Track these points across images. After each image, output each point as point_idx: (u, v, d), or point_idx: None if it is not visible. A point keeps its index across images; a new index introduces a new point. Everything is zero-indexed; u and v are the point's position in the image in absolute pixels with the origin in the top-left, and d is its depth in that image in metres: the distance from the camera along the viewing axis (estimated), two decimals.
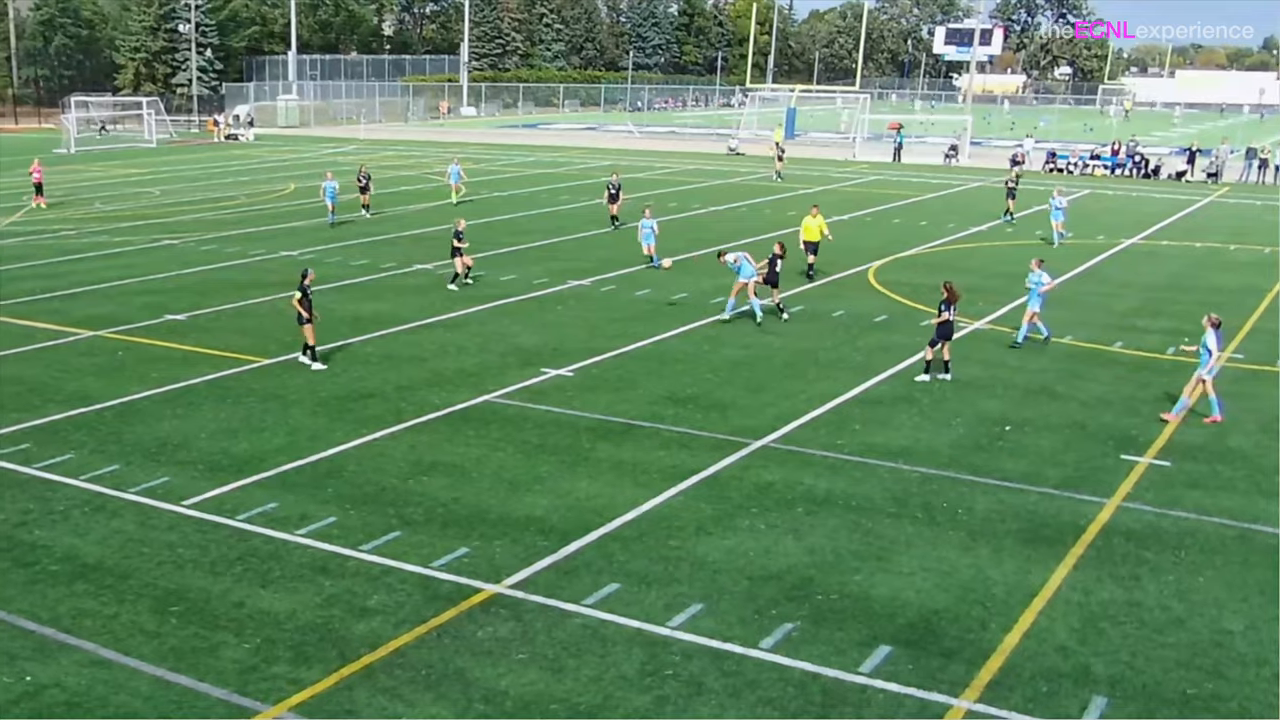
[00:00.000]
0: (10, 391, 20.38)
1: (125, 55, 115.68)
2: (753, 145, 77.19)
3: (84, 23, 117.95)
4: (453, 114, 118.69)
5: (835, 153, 73.35)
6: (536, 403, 19.89)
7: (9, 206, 47.10)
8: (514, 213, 44.58)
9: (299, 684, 11.00)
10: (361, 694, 10.84)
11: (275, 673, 11.20)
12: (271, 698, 10.77)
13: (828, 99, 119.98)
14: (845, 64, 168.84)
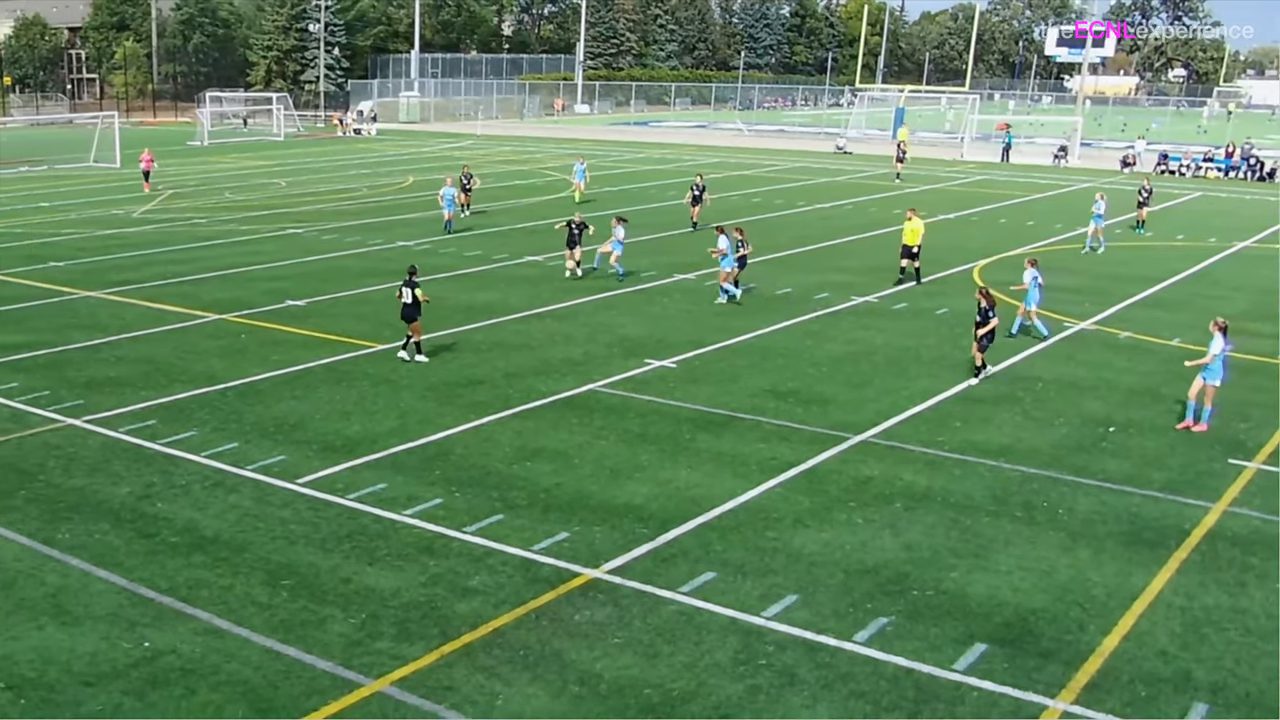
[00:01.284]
0: (140, 370, 21.27)
1: (258, 53, 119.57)
2: (860, 144, 76.54)
3: (221, 22, 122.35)
4: (566, 111, 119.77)
5: (942, 152, 72.39)
6: (639, 393, 20.12)
7: (145, 195, 48.90)
8: (622, 207, 44.85)
9: (401, 660, 11.31)
10: (460, 672, 11.11)
11: (379, 648, 11.53)
12: (374, 672, 11.09)
13: (935, 99, 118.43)
14: (955, 65, 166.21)
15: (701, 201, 38.78)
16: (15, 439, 17.57)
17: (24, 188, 53.26)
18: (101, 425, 18.18)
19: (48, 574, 13.08)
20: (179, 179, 56.13)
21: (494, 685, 10.89)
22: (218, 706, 10.50)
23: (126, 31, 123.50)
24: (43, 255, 33.76)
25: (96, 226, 39.96)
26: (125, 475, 16.11)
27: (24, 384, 20.33)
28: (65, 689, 10.77)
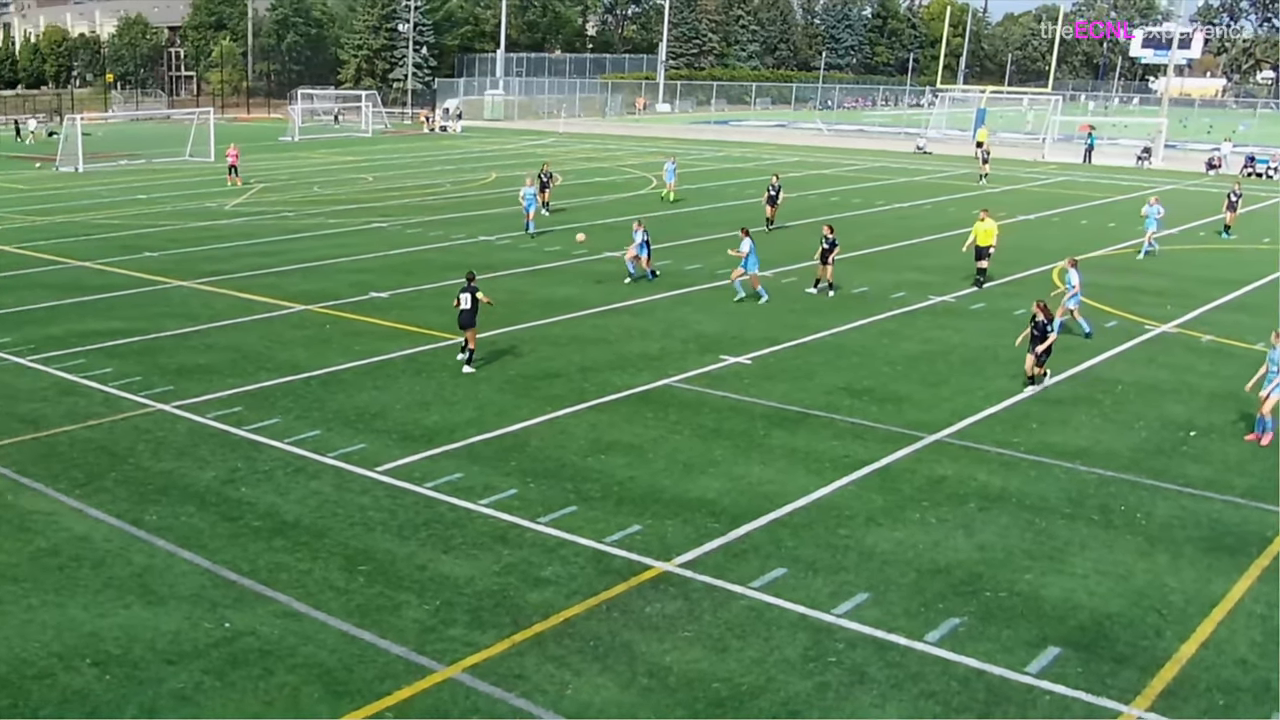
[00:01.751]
0: (228, 358, 21.79)
1: (349, 52, 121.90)
2: (940, 145, 75.69)
3: (314, 22, 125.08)
4: (648, 110, 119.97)
5: (1023, 153, 71.30)
6: (714, 388, 20.16)
7: (238, 189, 49.98)
8: (701, 205, 44.91)
9: (473, 647, 11.48)
10: (531, 660, 11.25)
11: (452, 635, 11.72)
12: (447, 658, 11.28)
13: (1016, 100, 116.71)
14: (1038, 66, 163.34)
15: (777, 202, 38.46)
16: (108, 423, 18.11)
17: (123, 180, 54.72)
18: (190, 411, 18.67)
19: (135, 554, 13.49)
20: (270, 173, 57.28)
21: (564, 675, 11.01)
22: (294, 688, 10.75)
23: (224, 31, 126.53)
24: (138, 245, 34.69)
25: (190, 219, 40.94)
26: (211, 460, 16.53)
27: (117, 370, 20.94)
28: (149, 666, 11.10)
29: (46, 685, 10.75)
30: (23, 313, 25.65)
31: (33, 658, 11.21)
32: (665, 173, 46.52)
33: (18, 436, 17.45)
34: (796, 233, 37.52)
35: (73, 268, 31.36)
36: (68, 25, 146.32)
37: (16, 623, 11.87)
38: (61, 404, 19.10)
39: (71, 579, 12.85)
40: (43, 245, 34.90)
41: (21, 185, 53.20)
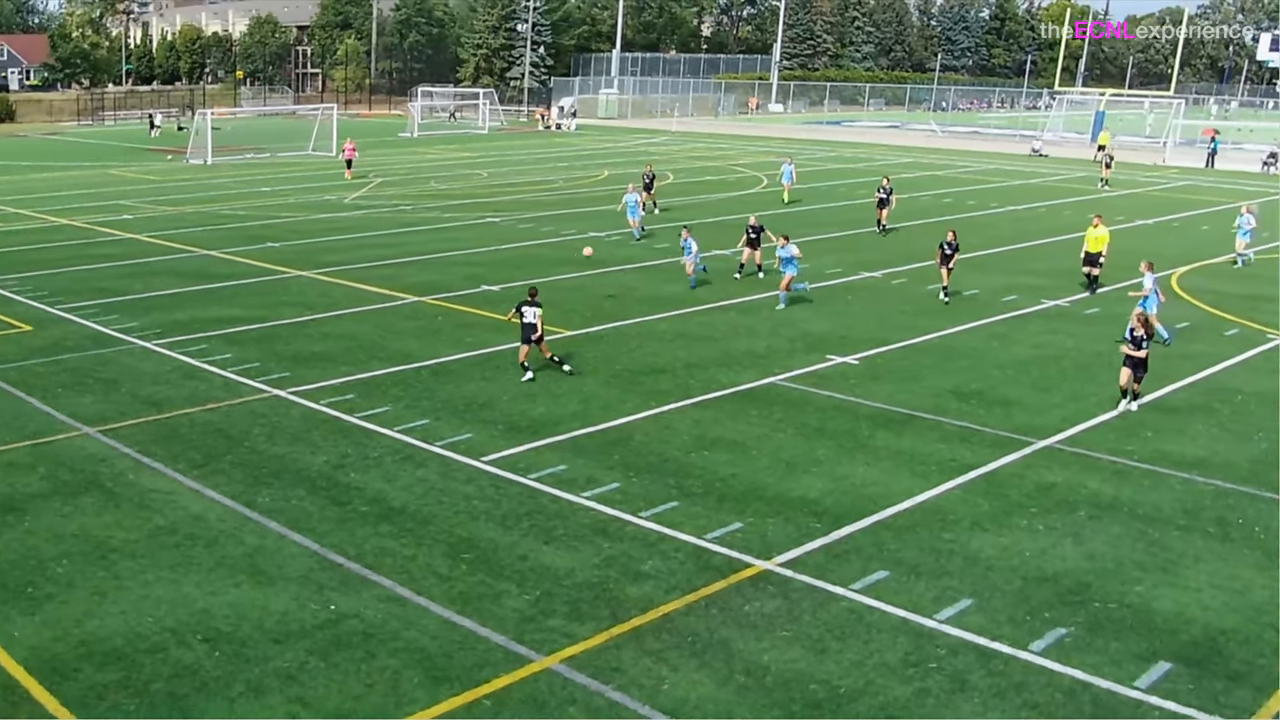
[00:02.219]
0: (343, 347, 22.28)
1: (468, 51, 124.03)
2: (1057, 147, 73.95)
3: (436, 22, 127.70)
4: (760, 110, 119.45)
5: (1143, 157, 69.29)
6: (820, 388, 20.00)
7: (357, 183, 51.05)
8: (812, 205, 44.55)
9: (571, 638, 11.54)
10: (628, 654, 11.27)
11: (551, 625, 11.80)
12: (545, 648, 11.35)
13: (1137, 104, 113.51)
14: (1160, 69, 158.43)
15: (888, 204, 37.73)
16: (226, 407, 18.64)
17: (248, 173, 56.28)
18: (304, 397, 19.11)
19: (247, 534, 13.86)
20: (389, 168, 58.36)
21: (661, 670, 11.01)
22: (395, 671, 10.93)
23: (349, 30, 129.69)
24: (262, 236, 35.66)
25: (311, 211, 41.95)
26: (323, 445, 16.90)
27: (237, 356, 21.54)
28: (256, 645, 11.38)
29: (159, 659, 11.10)
30: (151, 299, 26.56)
31: (147, 632, 11.58)
32: (783, 174, 45.79)
33: (141, 417, 18.08)
34: (907, 234, 37.04)
35: (199, 256, 32.36)
36: (202, 24, 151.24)
37: (133, 598, 12.28)
38: (183, 387, 19.73)
39: (186, 557, 13.26)
40: (172, 234, 36.07)
41: (154, 177, 55.05)
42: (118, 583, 12.62)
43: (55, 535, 13.78)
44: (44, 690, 10.55)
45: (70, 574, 12.80)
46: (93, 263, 31.38)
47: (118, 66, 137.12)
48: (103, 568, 12.95)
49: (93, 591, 12.42)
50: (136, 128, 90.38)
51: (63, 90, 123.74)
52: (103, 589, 12.47)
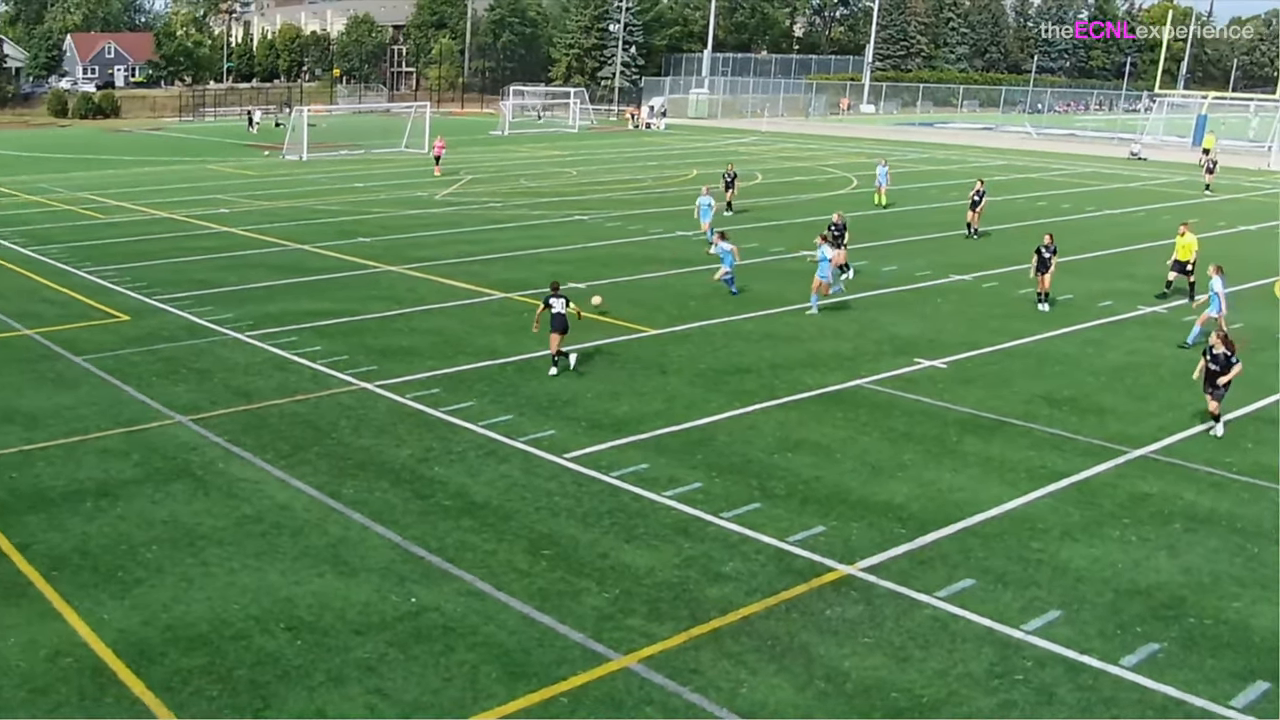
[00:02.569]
0: (431, 341, 22.47)
1: (560, 51, 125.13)
2: (1156, 151, 72.16)
3: (529, 22, 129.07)
4: (852, 111, 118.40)
5: (1247, 161, 67.33)
6: (907, 391, 19.69)
7: (447, 180, 51.56)
8: (904, 206, 43.98)
9: (650, 638, 11.46)
10: (707, 656, 11.16)
11: (630, 624, 11.73)
12: (623, 647, 11.28)
13: (1241, 106, 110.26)
14: (1266, 72, 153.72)
15: (979, 207, 36.84)
16: (314, 398, 18.89)
17: (342, 169, 57.16)
18: (390, 390, 19.30)
19: (331, 525, 14.00)
20: (479, 166, 58.86)
21: (739, 673, 10.89)
22: (473, 666, 10.94)
23: (444, 29, 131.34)
24: (353, 231, 36.16)
25: (402, 207, 42.45)
26: (408, 438, 17.03)
27: (326, 348, 21.82)
28: (337, 635, 11.48)
29: (242, 646, 11.24)
30: (245, 291, 27.05)
31: (231, 619, 11.74)
32: (877, 175, 44.74)
33: (232, 407, 18.39)
34: (1000, 237, 36.38)
35: (293, 250, 32.90)
36: (301, 23, 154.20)
37: (219, 585, 12.46)
38: (273, 378, 20.03)
39: (272, 545, 13.42)
40: (267, 228, 36.74)
41: (251, 172, 56.16)
42: (205, 569, 12.82)
43: (146, 521, 14.06)
44: (130, 673, 10.74)
45: (159, 559, 13.04)
46: (190, 255, 32.08)
47: (219, 64, 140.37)
48: (191, 554, 13.17)
49: (180, 577, 12.63)
50: (235, 124, 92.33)
51: (166, 87, 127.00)
52: (190, 575, 12.68)
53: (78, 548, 13.32)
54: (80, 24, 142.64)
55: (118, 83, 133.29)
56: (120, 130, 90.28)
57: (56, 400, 18.75)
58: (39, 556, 13.06)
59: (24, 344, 22.35)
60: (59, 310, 25.20)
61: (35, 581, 12.48)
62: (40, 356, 21.40)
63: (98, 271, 29.42)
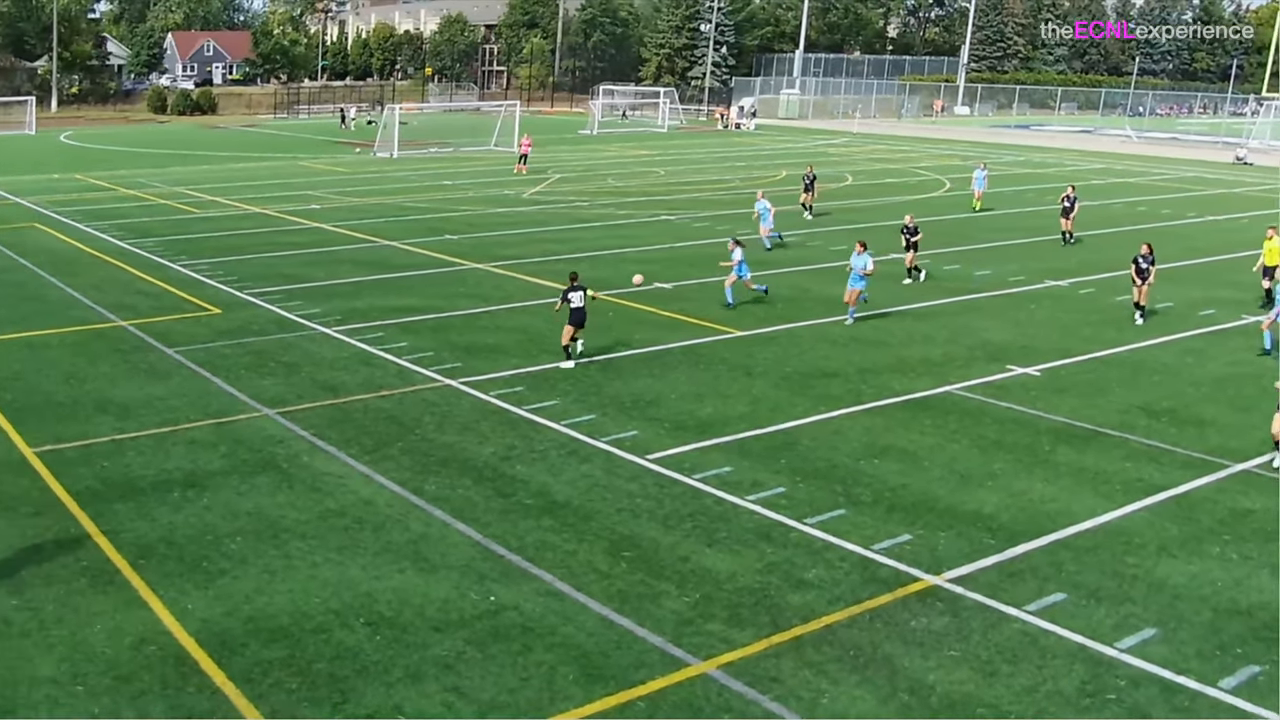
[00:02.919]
0: (514, 339, 22.50)
1: (651, 50, 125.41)
2: (1263, 155, 70.06)
3: (620, 21, 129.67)
4: (945, 112, 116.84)
5: None
6: (998, 399, 19.25)
7: (535, 178, 51.77)
8: (998, 209, 43.16)
9: (730, 644, 11.28)
10: (787, 664, 10.96)
11: (709, 629, 11.56)
12: (702, 653, 11.12)
13: None
14: None
15: (1072, 214, 35.79)
16: (399, 394, 18.99)
17: (432, 167, 57.71)
18: (474, 388, 19.33)
19: (413, 521, 14.01)
20: (567, 165, 59.03)
21: (820, 682, 10.67)
22: (550, 667, 10.85)
23: (535, 29, 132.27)
24: (440, 228, 36.43)
25: (489, 205, 42.69)
26: (490, 436, 17.03)
27: (412, 344, 21.94)
28: (416, 631, 11.46)
29: (322, 640, 11.27)
30: (333, 286, 27.35)
31: (312, 612, 11.79)
32: (974, 180, 43.61)
33: (318, 401, 18.55)
34: (1096, 243, 35.53)
35: (381, 246, 33.23)
36: (395, 23, 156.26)
37: (301, 578, 12.52)
38: (359, 373, 20.18)
39: (354, 540, 13.47)
40: (356, 225, 37.16)
41: (342, 169, 56.92)
42: (287, 562, 12.90)
43: (231, 512, 14.20)
44: (212, 663, 10.82)
45: (243, 551, 13.15)
46: (280, 250, 32.55)
47: (314, 62, 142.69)
48: (274, 546, 13.26)
49: (263, 569, 12.72)
50: (328, 121, 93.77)
51: (262, 85, 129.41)
52: (273, 567, 12.76)
53: (164, 537, 13.49)
54: (181, 22, 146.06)
55: (215, 80, 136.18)
56: (216, 127, 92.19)
57: (148, 391, 19.09)
58: (127, 545, 13.25)
59: (119, 335, 22.81)
60: (153, 302, 25.70)
61: (123, 570, 12.65)
62: (134, 348, 21.82)
63: (191, 265, 29.97)
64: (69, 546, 13.23)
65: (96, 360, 20.93)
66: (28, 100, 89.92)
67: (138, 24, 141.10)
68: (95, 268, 29.94)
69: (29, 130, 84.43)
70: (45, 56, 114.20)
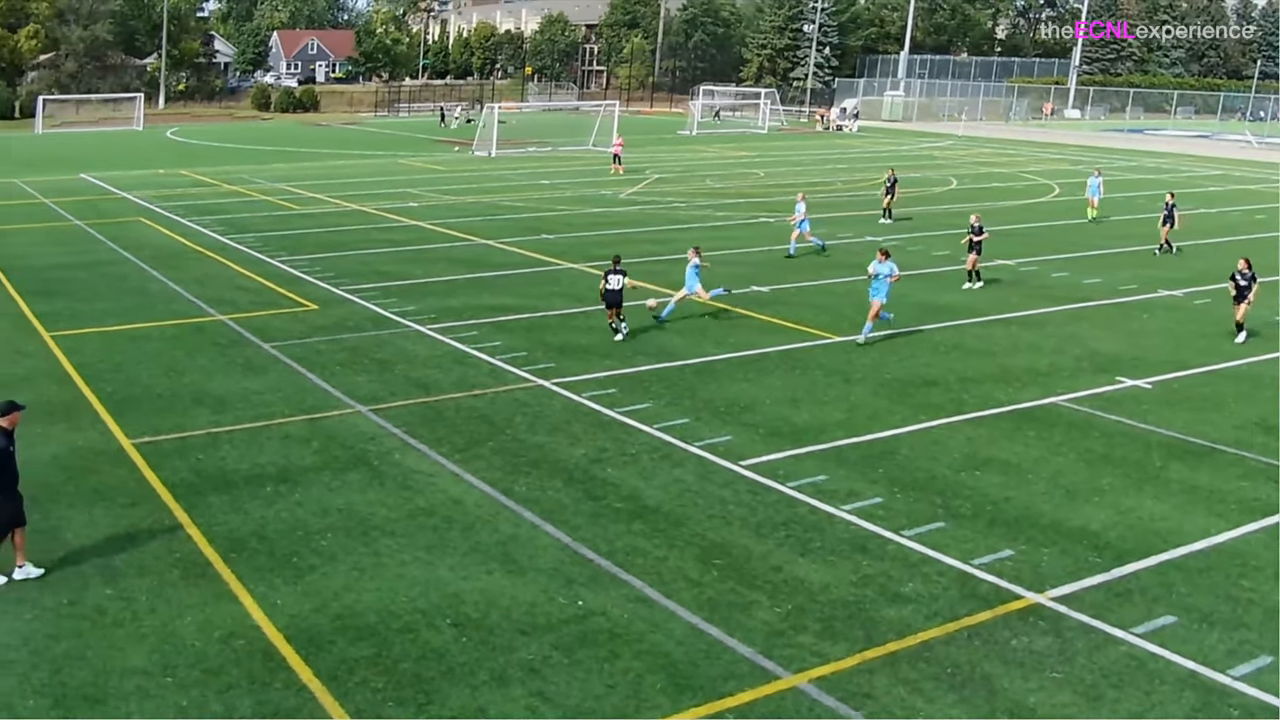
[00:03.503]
0: (609, 341, 22.40)
1: (752, 51, 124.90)
2: None
3: (721, 22, 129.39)
4: (1055, 115, 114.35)
5: None
6: (1107, 411, 18.57)
7: (633, 178, 51.69)
8: (1108, 216, 41.97)
9: (822, 657, 11.00)
10: (881, 680, 10.64)
11: (801, 642, 11.28)
12: (793, 666, 10.84)
13: None
14: None
15: (1173, 223, 34.40)
16: (491, 393, 18.93)
17: (529, 166, 57.96)
18: (567, 389, 19.20)
19: (502, 522, 13.90)
20: (665, 165, 58.86)
21: (915, 700, 10.34)
22: (638, 675, 10.65)
23: (636, 29, 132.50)
24: (537, 228, 36.48)
25: (586, 205, 42.68)
26: (582, 438, 16.87)
27: (505, 343, 21.91)
28: (503, 633, 11.33)
29: (408, 639, 11.19)
30: (428, 284, 27.49)
31: (399, 611, 11.72)
32: (1088, 188, 41.56)
33: (411, 399, 18.57)
34: (1213, 251, 34.30)
35: (477, 245, 33.35)
36: (496, 22, 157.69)
37: (390, 576, 12.47)
38: (452, 372, 20.18)
39: (442, 539, 13.40)
40: (453, 223, 37.39)
41: (441, 167, 57.44)
42: (376, 559, 12.86)
43: (322, 508, 14.22)
44: (299, 659, 10.80)
45: (333, 547, 13.14)
46: (377, 247, 32.85)
47: (415, 61, 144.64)
48: (363, 544, 13.24)
49: (352, 566, 12.69)
50: (428, 120, 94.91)
51: (363, 83, 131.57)
52: (362, 565, 12.73)
53: (256, 531, 13.55)
54: (286, 21, 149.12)
55: (318, 78, 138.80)
56: (318, 124, 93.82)
57: (244, 385, 19.29)
58: (219, 538, 13.33)
59: (218, 329, 23.14)
60: (252, 297, 26.05)
61: (214, 563, 12.73)
62: (232, 342, 22.10)
63: (290, 261, 30.37)
64: (163, 537, 13.36)
65: (195, 353, 21.24)
66: (136, 97, 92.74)
67: (244, 22, 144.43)
68: (197, 262, 30.49)
69: (137, 126, 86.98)
70: (154, 54, 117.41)
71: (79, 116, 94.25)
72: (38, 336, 22.53)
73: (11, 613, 11.62)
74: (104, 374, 19.87)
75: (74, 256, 31.45)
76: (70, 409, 17.96)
